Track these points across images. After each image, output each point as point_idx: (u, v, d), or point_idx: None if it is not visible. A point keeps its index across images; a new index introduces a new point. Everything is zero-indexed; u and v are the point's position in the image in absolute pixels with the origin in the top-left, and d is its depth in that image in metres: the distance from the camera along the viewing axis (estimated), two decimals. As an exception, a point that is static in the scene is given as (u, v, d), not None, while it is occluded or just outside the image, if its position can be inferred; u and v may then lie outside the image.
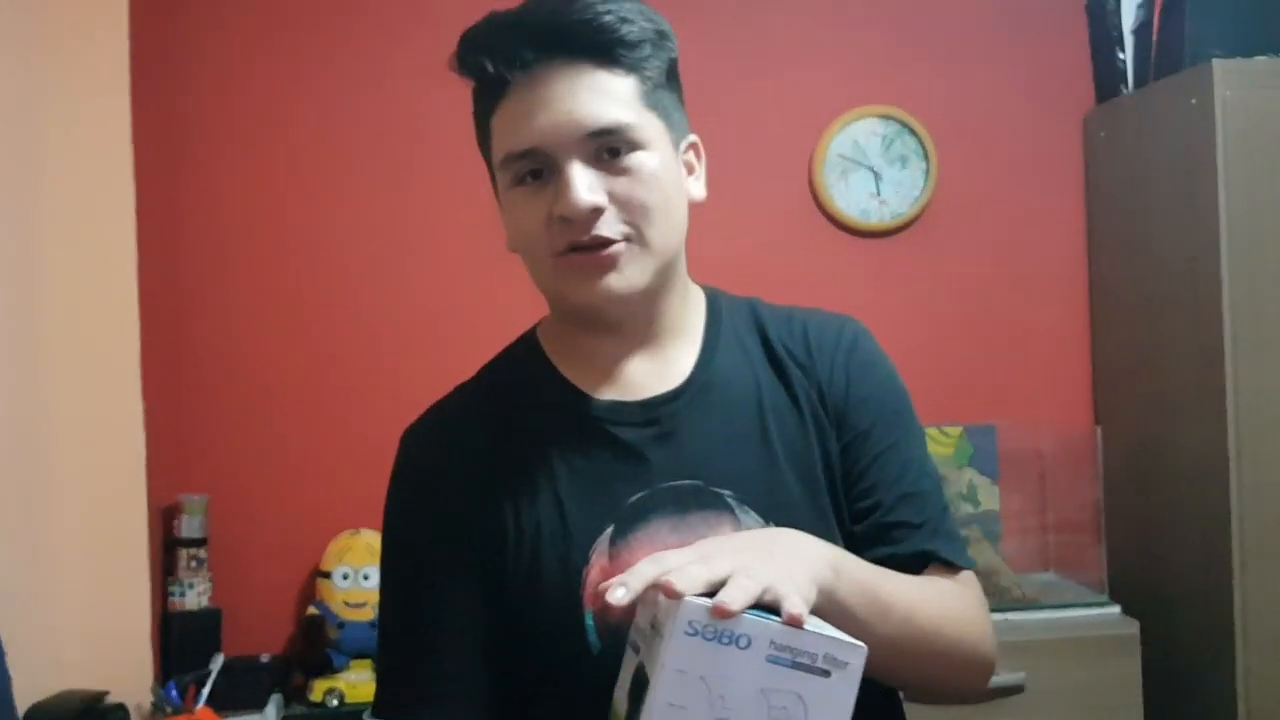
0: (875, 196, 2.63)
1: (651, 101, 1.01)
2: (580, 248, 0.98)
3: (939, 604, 0.99)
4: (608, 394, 1.05)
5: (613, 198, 0.98)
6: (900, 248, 2.65)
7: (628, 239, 0.99)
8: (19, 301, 2.06)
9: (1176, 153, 2.29)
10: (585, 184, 0.96)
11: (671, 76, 1.05)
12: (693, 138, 1.09)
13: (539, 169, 0.98)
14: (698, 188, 1.08)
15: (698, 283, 1.13)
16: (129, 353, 2.26)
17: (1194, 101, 2.20)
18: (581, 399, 1.05)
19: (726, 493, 1.00)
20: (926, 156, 2.62)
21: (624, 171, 0.98)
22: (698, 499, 1.00)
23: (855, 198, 2.62)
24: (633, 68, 1.00)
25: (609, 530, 0.99)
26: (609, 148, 0.98)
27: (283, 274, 2.51)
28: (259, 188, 2.51)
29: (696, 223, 1.07)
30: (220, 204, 2.50)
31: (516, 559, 1.00)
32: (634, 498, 1.00)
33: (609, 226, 0.98)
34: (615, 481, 1.01)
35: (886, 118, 2.62)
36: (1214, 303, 2.15)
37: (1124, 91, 2.56)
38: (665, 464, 1.01)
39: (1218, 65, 2.15)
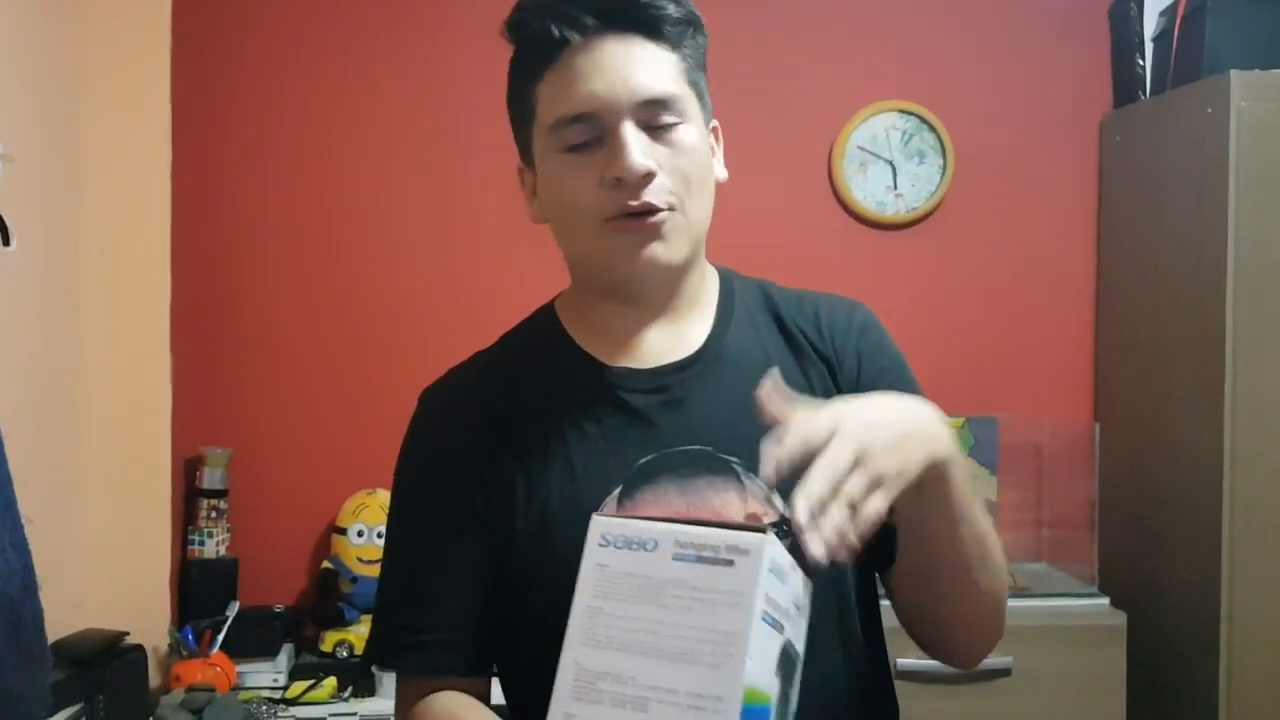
0: (892, 190, 2.68)
1: (691, 79, 1.06)
2: (630, 214, 1.01)
3: (995, 541, 1.04)
4: (621, 362, 1.08)
5: (659, 164, 1.01)
6: (914, 241, 2.70)
7: (671, 208, 1.02)
8: (53, 254, 2.12)
9: (1190, 160, 2.33)
10: (640, 147, 1.00)
11: (704, 59, 1.10)
12: (714, 122, 1.13)
13: (589, 140, 1.01)
14: (720, 168, 1.12)
15: (712, 263, 1.17)
16: (159, 307, 2.31)
17: (1210, 110, 2.24)
18: (594, 366, 1.08)
19: (734, 460, 1.02)
20: (944, 152, 2.66)
21: (669, 143, 1.02)
22: (706, 464, 1.03)
23: (872, 190, 2.67)
24: (676, 45, 1.05)
25: (617, 491, 1.02)
26: (657, 118, 1.01)
27: (315, 235, 2.57)
28: (297, 149, 2.56)
29: (717, 208, 1.11)
30: (257, 163, 2.56)
31: (526, 518, 1.04)
32: (642, 460, 1.03)
33: (657, 194, 1.01)
34: (624, 445, 1.04)
35: (906, 113, 2.66)
36: (1217, 309, 2.19)
37: (1141, 98, 2.60)
38: (674, 430, 1.04)
39: (1235, 76, 2.18)
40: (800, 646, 0.83)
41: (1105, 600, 2.33)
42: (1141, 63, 2.61)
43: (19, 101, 1.97)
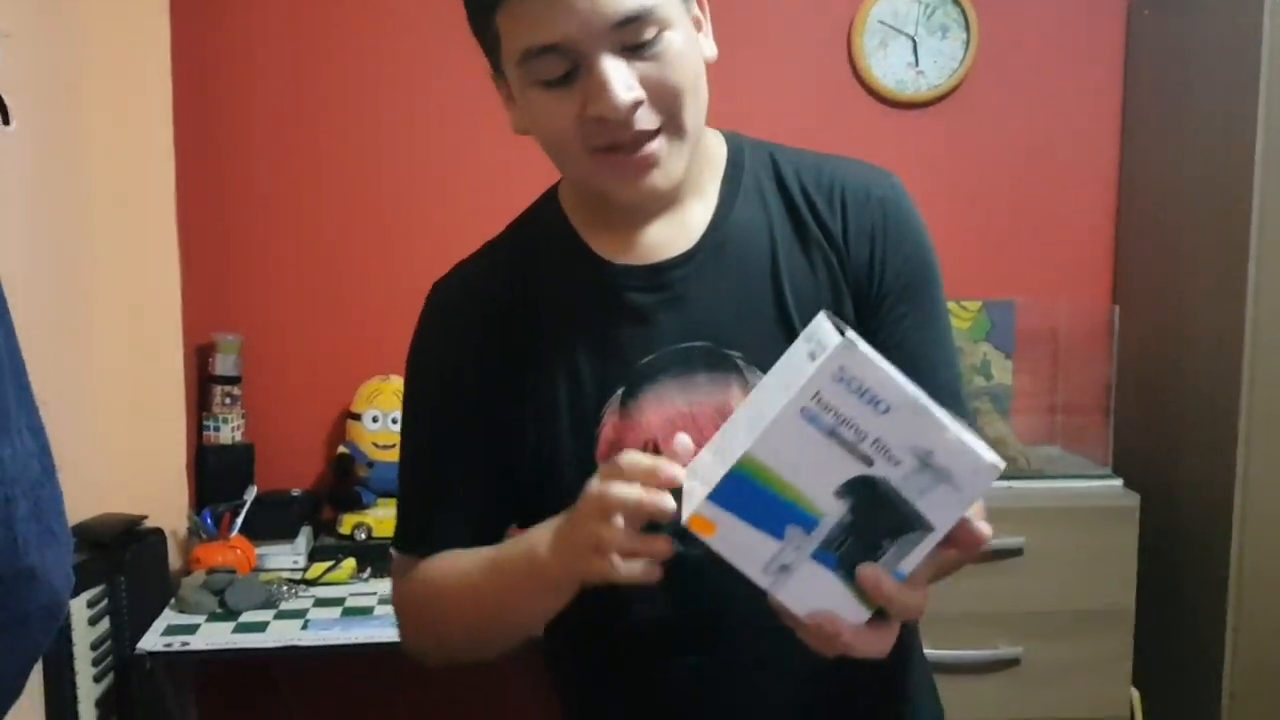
0: (913, 67, 2.61)
1: None
2: (618, 147, 0.95)
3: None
4: (622, 258, 1.05)
5: (644, 85, 0.93)
6: (934, 120, 2.63)
7: (663, 128, 0.96)
8: (58, 145, 2.08)
9: (1221, 37, 2.26)
10: (622, 81, 0.92)
11: None
12: None
13: (565, 72, 0.93)
14: (709, 45, 1.02)
15: (719, 130, 1.10)
16: (165, 192, 2.28)
17: (1242, -17, 2.17)
18: (597, 264, 1.05)
19: (735, 354, 1.01)
20: (967, 27, 2.59)
21: (655, 57, 0.93)
22: (706, 360, 1.01)
23: (893, 67, 2.60)
24: None
25: (620, 392, 1.01)
26: (637, 35, 0.92)
27: (321, 120, 2.52)
28: (297, 31, 2.50)
29: (731, 87, 1.05)
30: (257, 48, 2.50)
31: (533, 417, 1.03)
32: (643, 360, 1.01)
33: (645, 119, 0.94)
34: (625, 344, 1.02)
35: (929, -15, 2.58)
36: (1244, 190, 2.15)
37: (1172, -32, 2.52)
38: (674, 327, 1.02)
39: (1270, -53, 2.11)
40: (915, 509, 0.77)
41: (1118, 481, 2.34)
42: (1173, -68, 2.51)
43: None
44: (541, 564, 0.92)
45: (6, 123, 1.29)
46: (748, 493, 0.77)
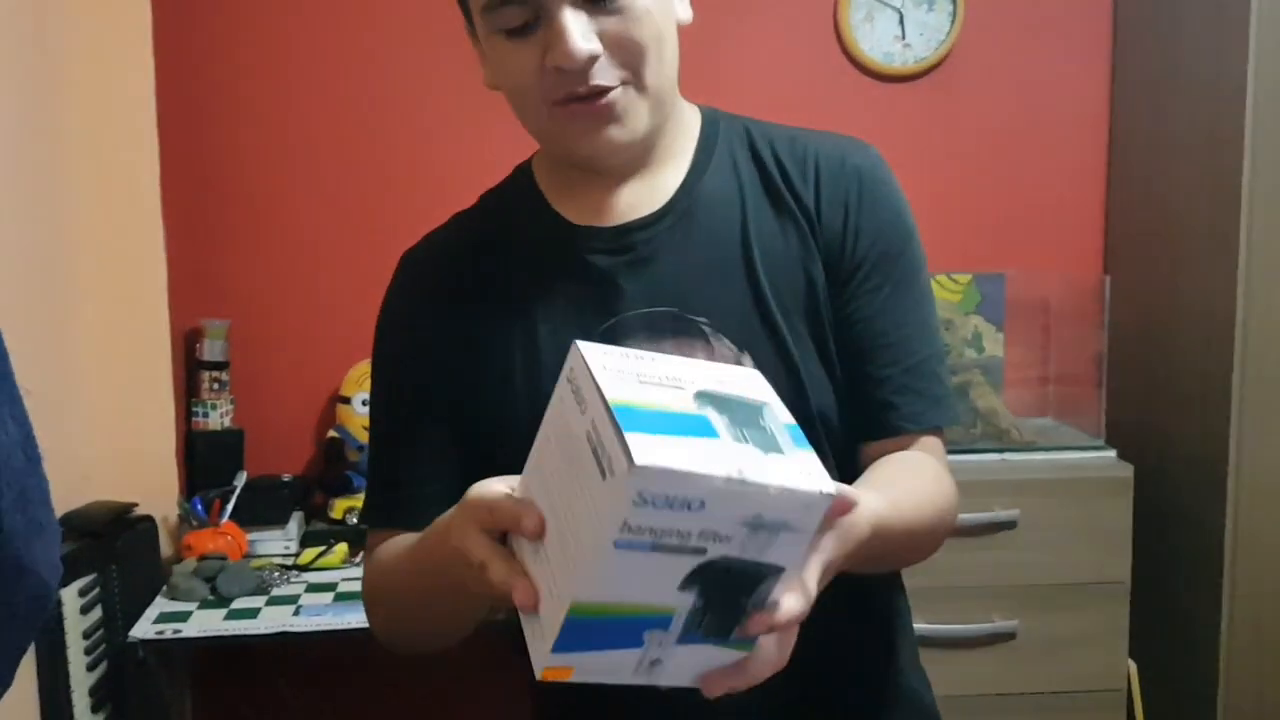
0: (900, 40, 2.59)
1: None
2: (578, 98, 0.95)
3: (932, 506, 0.98)
4: (588, 221, 1.04)
5: (606, 39, 0.93)
6: (921, 93, 2.62)
7: (625, 83, 0.96)
8: (39, 128, 2.06)
9: (1210, 6, 2.24)
10: (580, 31, 0.92)
11: None
12: None
13: (526, 19, 0.93)
14: (684, 9, 1.02)
15: (695, 104, 1.10)
16: (149, 177, 2.26)
17: (1231, -52, 2.15)
18: (563, 227, 1.04)
19: (702, 320, 0.99)
20: (954, -1, 2.57)
21: (616, 11, 0.94)
22: (672, 326, 0.99)
23: (879, 40, 2.58)
24: None
25: None
26: None
27: (307, 103, 2.50)
28: (280, 17, 2.47)
29: (717, 60, 1.04)
30: (242, 32, 2.47)
31: (490, 386, 1.02)
32: (604, 325, 1.00)
33: (605, 74, 0.94)
34: (587, 308, 1.01)
35: (915, -44, 2.56)
36: (1234, 160, 2.14)
37: (1159, -64, 2.50)
38: (638, 291, 1.00)
39: (1258, -89, 2.09)
40: (761, 563, 0.73)
41: (1112, 453, 2.34)
42: (1160, -101, 2.49)
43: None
44: (441, 566, 0.86)
45: (-15, 108, 1.28)
46: (590, 628, 0.71)
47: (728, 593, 0.73)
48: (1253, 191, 2.12)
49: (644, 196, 1.04)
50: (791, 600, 0.73)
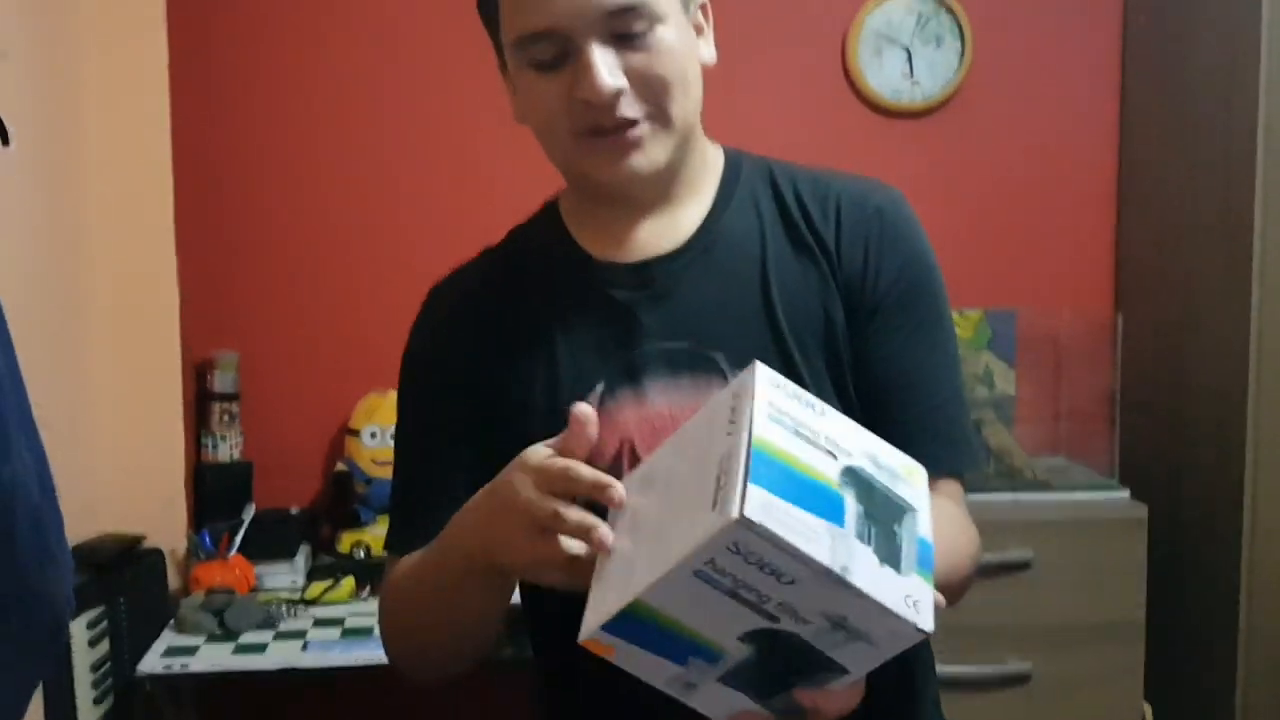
0: (908, 77, 2.60)
1: None
2: (602, 130, 0.98)
3: (961, 557, 0.97)
4: (610, 255, 1.05)
5: (631, 75, 0.96)
6: (930, 129, 2.63)
7: (649, 117, 0.98)
8: (54, 158, 2.08)
9: (1218, 41, 2.25)
10: (607, 67, 0.95)
11: None
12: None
13: (556, 54, 0.96)
14: (708, 50, 1.05)
15: (720, 144, 1.12)
16: (163, 210, 2.28)
17: (1240, -17, 2.16)
18: (584, 261, 1.06)
19: (719, 356, 1.00)
20: (962, 36, 2.58)
21: (642, 48, 0.96)
22: (689, 361, 1.00)
23: (888, 77, 2.59)
24: None
25: (598, 389, 1.01)
26: (628, 26, 0.95)
27: (319, 136, 2.51)
28: (294, 50, 2.49)
29: (725, 96, 1.05)
30: (256, 64, 2.49)
31: (512, 418, 1.03)
32: (623, 358, 1.01)
33: (630, 107, 0.97)
34: (606, 341, 1.02)
35: (925, -5, 2.58)
36: (1246, 194, 2.14)
37: (1168, -25, 2.51)
38: (657, 325, 1.01)
39: (1267, -55, 2.10)
40: (827, 657, 0.72)
41: (1125, 493, 2.32)
42: (1169, -61, 2.51)
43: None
44: (471, 554, 0.90)
45: (5, 143, 1.28)
46: (644, 628, 0.72)
47: (783, 664, 0.72)
48: (1265, 227, 2.12)
49: (665, 232, 1.06)
50: (844, 699, 0.74)
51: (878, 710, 1.06)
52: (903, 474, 0.77)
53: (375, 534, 2.35)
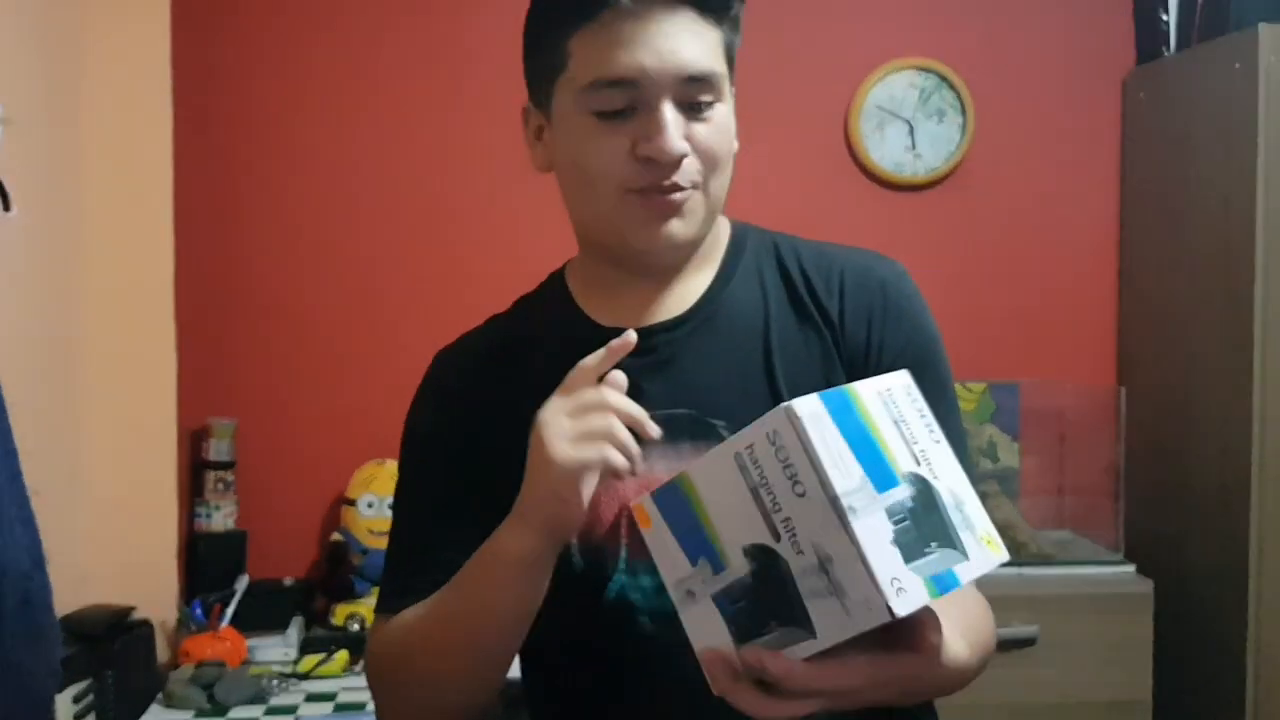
0: (910, 150, 2.62)
1: (729, 54, 1.03)
2: (653, 190, 0.99)
3: (978, 637, 0.96)
4: (614, 322, 1.05)
5: (691, 143, 0.98)
6: (933, 202, 2.64)
7: (695, 187, 1.00)
8: (54, 223, 2.07)
9: (1217, 118, 2.27)
10: (677, 129, 0.97)
11: (740, 29, 1.06)
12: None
13: (624, 108, 0.97)
14: (736, 138, 1.08)
15: (727, 217, 1.13)
16: (163, 277, 2.28)
17: (1238, 66, 2.19)
18: (589, 328, 1.06)
19: (720, 424, 1.00)
20: (964, 111, 2.60)
21: (704, 120, 0.99)
22: (690, 429, 1.00)
23: (890, 150, 2.61)
24: (721, 20, 1.01)
25: None
26: (696, 96, 0.98)
27: (316, 202, 2.52)
28: (294, 115, 2.51)
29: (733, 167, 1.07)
30: (257, 137, 2.50)
31: (512, 485, 1.01)
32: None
33: (686, 174, 0.99)
34: None
35: (925, 70, 2.60)
36: (1246, 270, 2.15)
37: (1166, 54, 2.54)
38: (659, 392, 1.01)
39: (1264, 30, 2.13)
40: (804, 606, 0.76)
41: (1131, 568, 2.30)
42: (1166, 17, 2.55)
43: (18, 64, 1.92)
44: (514, 526, 0.93)
45: (7, 209, 1.28)
46: (680, 506, 0.81)
47: (769, 599, 0.76)
48: (1265, 300, 2.12)
49: (670, 301, 1.07)
50: (791, 666, 0.75)
51: None
52: (979, 532, 0.79)
53: (370, 605, 2.30)
